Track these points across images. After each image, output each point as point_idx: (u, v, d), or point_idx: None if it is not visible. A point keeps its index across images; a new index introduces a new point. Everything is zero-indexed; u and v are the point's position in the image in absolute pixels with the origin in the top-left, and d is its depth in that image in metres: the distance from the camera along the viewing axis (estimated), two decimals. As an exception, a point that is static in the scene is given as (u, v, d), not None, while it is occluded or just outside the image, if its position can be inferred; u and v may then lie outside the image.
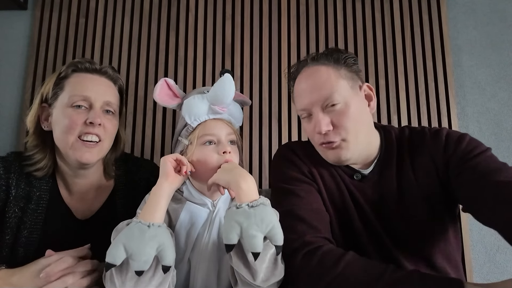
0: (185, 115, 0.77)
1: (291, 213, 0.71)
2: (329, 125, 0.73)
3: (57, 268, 0.65)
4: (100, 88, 0.83)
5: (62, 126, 0.79)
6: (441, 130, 0.77)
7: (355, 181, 0.79)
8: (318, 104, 0.75)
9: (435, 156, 0.74)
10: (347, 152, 0.74)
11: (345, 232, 0.77)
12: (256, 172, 1.31)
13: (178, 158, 0.73)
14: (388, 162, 0.79)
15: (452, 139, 0.74)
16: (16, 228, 0.78)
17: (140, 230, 0.61)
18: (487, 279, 1.23)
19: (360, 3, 1.41)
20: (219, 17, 1.43)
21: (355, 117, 0.74)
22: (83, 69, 0.83)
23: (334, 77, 0.75)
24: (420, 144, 0.78)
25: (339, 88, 0.74)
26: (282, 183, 0.79)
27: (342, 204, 0.78)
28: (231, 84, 0.74)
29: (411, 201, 0.75)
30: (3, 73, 1.45)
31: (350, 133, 0.73)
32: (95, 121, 0.78)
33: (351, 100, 0.75)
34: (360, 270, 0.59)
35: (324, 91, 0.74)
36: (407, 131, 0.82)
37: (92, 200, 0.88)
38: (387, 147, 0.80)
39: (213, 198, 0.78)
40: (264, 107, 1.36)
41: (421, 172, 0.75)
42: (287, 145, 0.89)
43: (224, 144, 0.75)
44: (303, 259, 0.63)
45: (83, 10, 1.46)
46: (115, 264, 0.58)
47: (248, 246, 0.57)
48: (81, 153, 0.79)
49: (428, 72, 1.35)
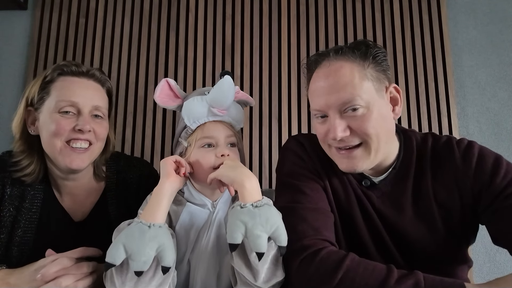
0: (185, 117, 0.77)
1: (294, 211, 0.67)
2: (346, 130, 0.65)
3: (52, 269, 0.64)
4: (88, 92, 0.80)
5: (49, 131, 0.77)
6: (473, 148, 0.68)
7: (363, 187, 0.73)
8: (336, 107, 0.65)
9: (463, 178, 0.67)
10: (365, 162, 0.66)
11: (349, 236, 0.73)
12: (256, 172, 1.31)
13: (177, 160, 0.73)
14: (404, 173, 0.71)
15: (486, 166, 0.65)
16: (10, 227, 0.78)
17: (140, 231, 0.60)
18: (487, 279, 1.23)
19: (360, 3, 1.41)
20: (219, 17, 1.43)
21: (378, 124, 0.65)
22: (69, 73, 0.80)
23: (359, 78, 0.65)
24: (446, 159, 0.69)
25: (363, 91, 0.64)
26: (287, 177, 0.74)
27: (348, 208, 0.72)
28: (231, 87, 0.73)
29: (427, 220, 0.68)
30: (3, 73, 1.46)
31: (372, 138, 0.65)
32: (84, 128, 0.76)
33: (375, 104, 0.65)
34: (361, 277, 0.55)
35: (344, 93, 0.64)
36: (431, 140, 0.73)
37: (83, 202, 0.87)
38: (405, 156, 0.72)
39: (213, 198, 0.78)
40: (264, 107, 1.36)
41: (443, 192, 0.68)
42: (296, 137, 0.82)
43: (222, 147, 0.74)
44: (300, 266, 0.60)
45: (83, 10, 1.46)
46: (114, 264, 0.58)
47: (253, 246, 0.57)
48: (71, 159, 0.77)
49: (428, 72, 1.35)
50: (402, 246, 0.70)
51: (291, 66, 1.38)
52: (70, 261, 0.67)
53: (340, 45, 0.71)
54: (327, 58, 0.69)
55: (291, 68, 1.38)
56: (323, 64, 0.69)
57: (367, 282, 0.55)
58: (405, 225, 0.69)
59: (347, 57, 0.67)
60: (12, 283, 0.65)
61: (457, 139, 0.72)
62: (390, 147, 0.71)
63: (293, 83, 1.37)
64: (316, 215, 0.67)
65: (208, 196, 0.78)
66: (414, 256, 0.69)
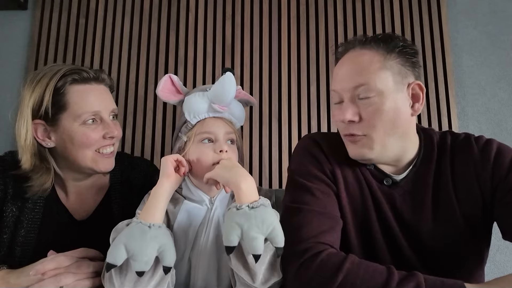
0: (185, 112, 0.77)
1: (300, 212, 0.66)
2: (355, 115, 0.66)
3: (47, 266, 0.64)
4: (104, 98, 0.82)
5: (77, 144, 0.77)
6: (491, 144, 0.68)
7: (384, 186, 0.71)
8: (349, 90, 0.67)
9: (482, 173, 0.66)
10: (370, 152, 0.67)
11: (363, 242, 0.71)
12: (256, 172, 1.31)
13: (178, 159, 0.73)
14: (425, 171, 0.70)
15: (505, 160, 0.65)
16: (13, 227, 0.78)
17: (141, 231, 0.60)
18: (487, 279, 1.23)
19: (360, 3, 1.41)
20: (219, 17, 1.43)
21: (389, 117, 0.64)
22: (81, 80, 0.78)
23: (377, 65, 0.65)
24: (465, 154, 0.69)
25: (379, 78, 0.64)
26: (299, 177, 0.72)
27: (363, 212, 0.71)
28: (232, 84, 0.73)
29: (446, 218, 0.67)
30: (3, 73, 1.45)
31: (377, 131, 0.65)
32: (114, 134, 0.80)
33: (390, 96, 0.65)
34: (361, 280, 0.55)
35: (359, 77, 0.65)
36: (450, 137, 0.73)
37: (88, 200, 0.88)
38: (425, 153, 0.71)
39: (211, 194, 0.78)
40: (264, 107, 1.36)
41: (463, 187, 0.67)
42: (313, 136, 0.80)
43: (221, 143, 0.74)
44: (300, 268, 0.59)
45: (83, 10, 1.46)
46: (116, 265, 0.58)
47: (249, 248, 0.57)
48: (104, 165, 0.81)
49: (428, 72, 1.35)
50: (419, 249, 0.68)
51: (291, 66, 1.38)
52: (68, 260, 0.66)
53: (367, 35, 0.73)
54: (353, 47, 0.71)
55: (291, 68, 1.38)
56: (348, 52, 0.71)
57: (368, 285, 0.54)
58: (425, 222, 0.68)
59: (370, 46, 0.68)
60: (12, 283, 0.65)
61: (475, 136, 0.72)
62: (406, 144, 0.70)
63: (293, 83, 1.37)
64: (323, 219, 0.66)
65: (206, 192, 0.78)
66: (431, 256, 0.68)
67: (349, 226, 0.70)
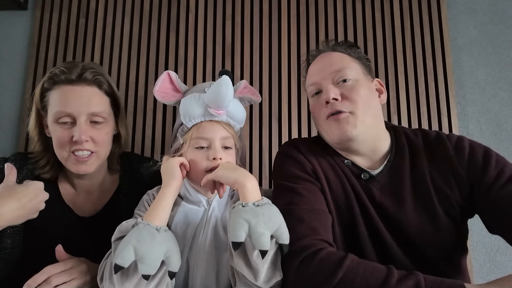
0: (181, 114, 0.76)
1: (291, 213, 0.68)
2: (338, 95, 0.74)
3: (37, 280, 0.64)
4: (82, 100, 0.78)
5: (54, 142, 0.81)
6: (463, 141, 0.74)
7: (362, 181, 0.75)
8: (329, 78, 0.76)
9: (458, 168, 0.71)
10: (354, 129, 0.72)
11: (347, 237, 0.73)
12: (256, 172, 1.31)
13: (183, 163, 0.74)
14: (400, 165, 0.75)
15: (478, 158, 0.71)
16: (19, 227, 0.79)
17: (150, 234, 0.60)
18: (487, 279, 1.23)
19: (360, 3, 1.41)
20: (219, 17, 1.43)
21: (365, 97, 0.74)
22: (61, 81, 0.79)
23: (347, 60, 0.79)
24: (440, 151, 0.75)
25: (350, 69, 0.76)
26: (283, 181, 0.75)
27: (347, 207, 0.74)
28: (228, 87, 0.71)
29: (426, 210, 0.71)
30: (3, 73, 1.45)
31: (359, 108, 0.72)
32: (79, 139, 0.76)
33: (363, 82, 0.76)
34: (361, 278, 0.56)
35: (336, 66, 0.76)
36: (420, 135, 0.79)
37: (97, 199, 0.89)
38: (398, 148, 0.77)
39: (208, 196, 0.78)
40: (264, 107, 1.36)
41: (440, 179, 0.72)
42: (290, 142, 0.86)
43: (215, 150, 0.73)
44: (300, 266, 0.60)
45: (83, 10, 1.46)
46: (123, 267, 0.57)
47: (256, 243, 0.57)
48: (77, 167, 0.79)
49: (428, 72, 1.35)
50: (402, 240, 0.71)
51: (291, 66, 1.38)
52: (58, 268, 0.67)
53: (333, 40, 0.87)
54: (324, 51, 0.83)
55: (291, 68, 1.38)
56: (321, 55, 0.83)
57: (367, 282, 0.55)
58: (406, 215, 0.71)
59: (339, 49, 0.81)
60: None
61: (446, 134, 0.78)
62: (379, 131, 0.78)
63: (293, 83, 1.37)
64: (313, 215, 0.68)
65: (203, 192, 0.78)
66: (414, 247, 0.71)
67: (334, 222, 0.73)
